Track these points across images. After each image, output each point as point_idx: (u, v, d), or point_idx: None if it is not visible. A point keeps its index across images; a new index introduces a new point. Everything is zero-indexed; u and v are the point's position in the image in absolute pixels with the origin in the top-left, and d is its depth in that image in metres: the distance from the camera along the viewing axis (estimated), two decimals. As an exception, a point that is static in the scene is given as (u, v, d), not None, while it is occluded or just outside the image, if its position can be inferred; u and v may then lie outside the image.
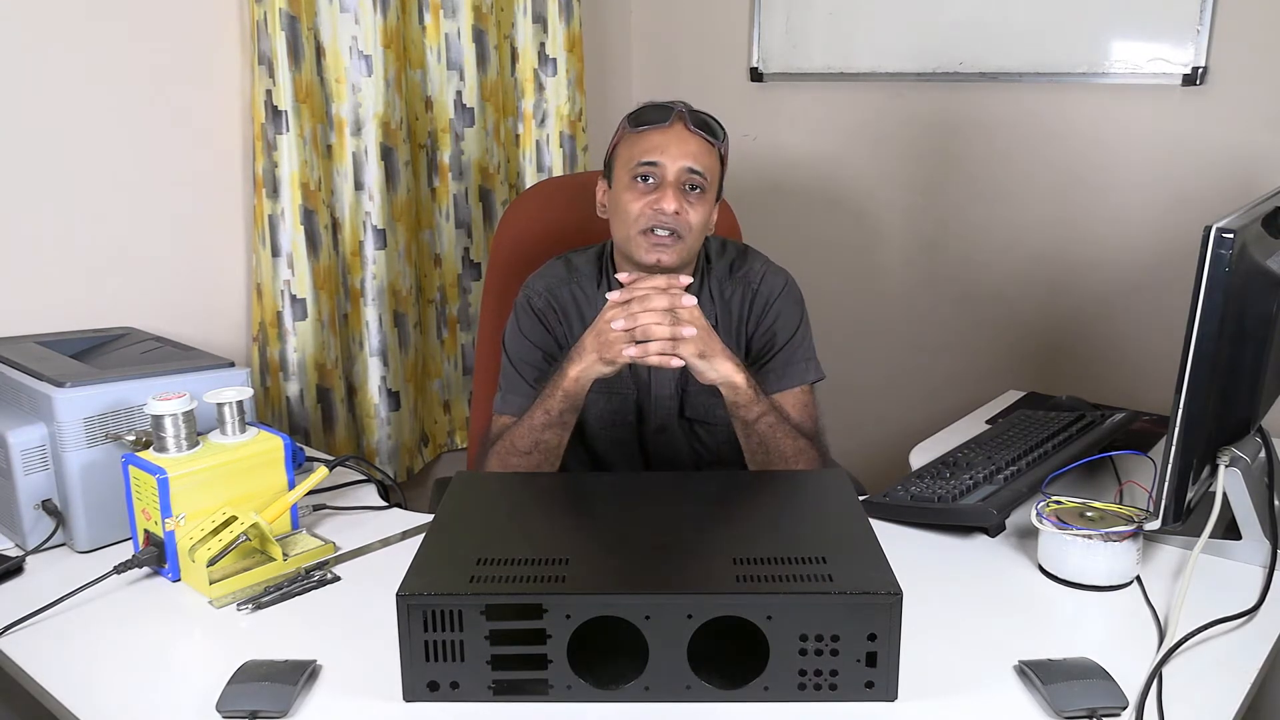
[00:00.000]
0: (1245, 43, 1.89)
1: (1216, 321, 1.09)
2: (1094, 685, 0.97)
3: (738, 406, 1.39)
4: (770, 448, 1.41)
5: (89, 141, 1.72)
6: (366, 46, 1.95)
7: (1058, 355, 2.23)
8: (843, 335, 2.42)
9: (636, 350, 1.32)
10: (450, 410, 2.34)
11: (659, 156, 1.42)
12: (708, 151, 1.45)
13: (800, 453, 1.43)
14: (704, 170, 1.43)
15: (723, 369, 1.36)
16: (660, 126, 1.43)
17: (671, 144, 1.42)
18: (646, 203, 1.42)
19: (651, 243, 1.42)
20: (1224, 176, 1.96)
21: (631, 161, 1.44)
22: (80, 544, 1.31)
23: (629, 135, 1.46)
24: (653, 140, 1.43)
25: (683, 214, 1.41)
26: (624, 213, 1.44)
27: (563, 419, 1.40)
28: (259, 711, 0.95)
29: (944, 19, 2.19)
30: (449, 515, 1.14)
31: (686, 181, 1.42)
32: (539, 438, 1.41)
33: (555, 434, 1.41)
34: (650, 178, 1.42)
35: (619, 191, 1.46)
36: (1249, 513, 1.23)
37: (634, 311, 1.32)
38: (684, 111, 1.45)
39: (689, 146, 1.43)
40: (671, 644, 0.95)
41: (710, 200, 1.46)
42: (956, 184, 2.29)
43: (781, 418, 1.43)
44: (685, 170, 1.42)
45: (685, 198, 1.42)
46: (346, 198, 2.01)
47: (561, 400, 1.38)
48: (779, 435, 1.41)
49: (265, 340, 1.96)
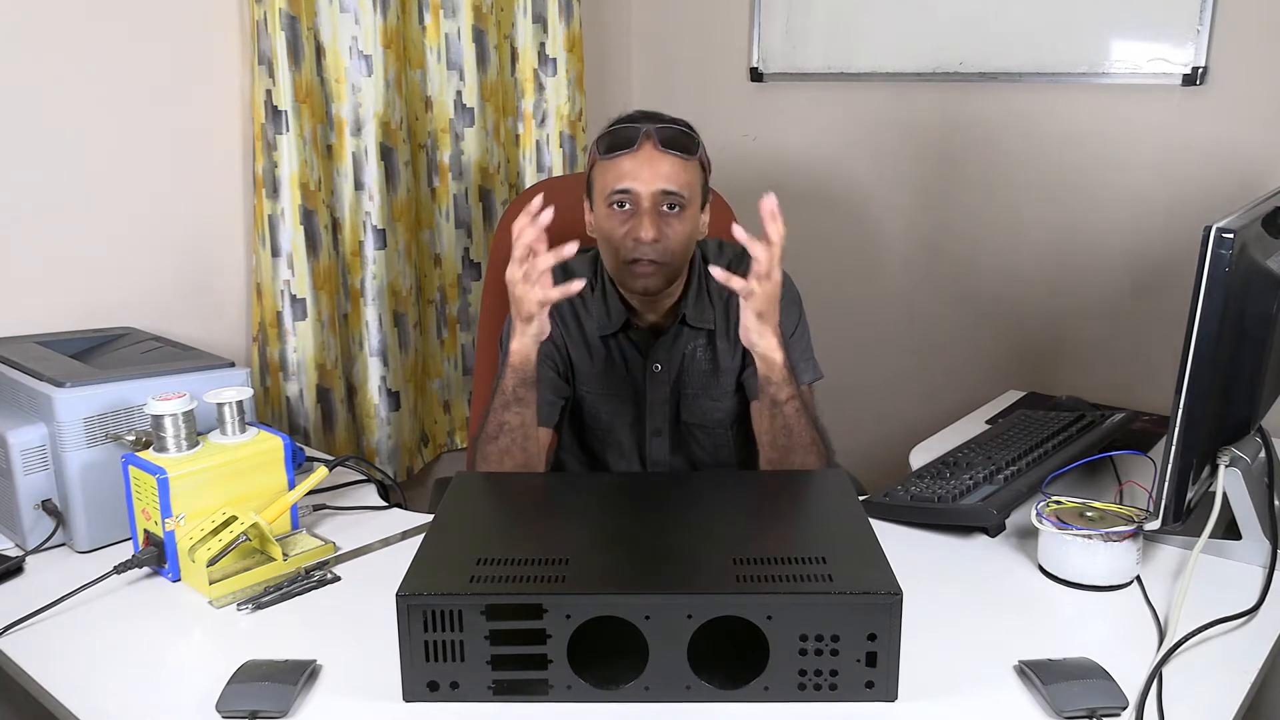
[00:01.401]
0: (1245, 43, 1.89)
1: (1216, 321, 1.09)
2: (1094, 685, 0.97)
3: (770, 383, 1.37)
4: (793, 431, 1.40)
5: (89, 142, 1.72)
6: (366, 46, 1.95)
7: (1058, 355, 2.23)
8: (843, 335, 2.42)
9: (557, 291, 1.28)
10: (450, 410, 2.34)
11: (631, 183, 1.40)
12: (682, 168, 1.42)
13: (815, 443, 1.42)
14: (680, 188, 1.41)
15: (768, 341, 1.34)
16: (628, 152, 1.40)
17: (642, 168, 1.40)
18: (625, 232, 1.41)
19: (635, 273, 1.42)
20: (1224, 176, 1.96)
21: (606, 189, 1.42)
22: (80, 544, 1.31)
23: (601, 162, 1.44)
24: (623, 167, 1.40)
25: (662, 239, 1.40)
26: (607, 240, 1.44)
27: (517, 394, 1.37)
28: (259, 711, 0.95)
29: (944, 19, 2.19)
30: (449, 515, 1.14)
31: (663, 203, 1.40)
32: (501, 419, 1.39)
33: (515, 414, 1.38)
34: (625, 204, 1.41)
35: (599, 219, 1.46)
36: (1249, 513, 1.23)
37: (515, 256, 1.29)
38: (650, 131, 1.41)
39: (660, 168, 1.40)
40: (671, 644, 0.95)
41: (693, 212, 1.45)
42: (956, 184, 2.29)
43: (805, 406, 1.42)
44: (659, 194, 1.40)
45: (663, 220, 1.40)
46: (346, 198, 2.01)
47: (511, 376, 1.37)
48: (803, 422, 1.40)
49: (265, 340, 1.96)
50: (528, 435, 1.40)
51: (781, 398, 1.38)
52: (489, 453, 1.40)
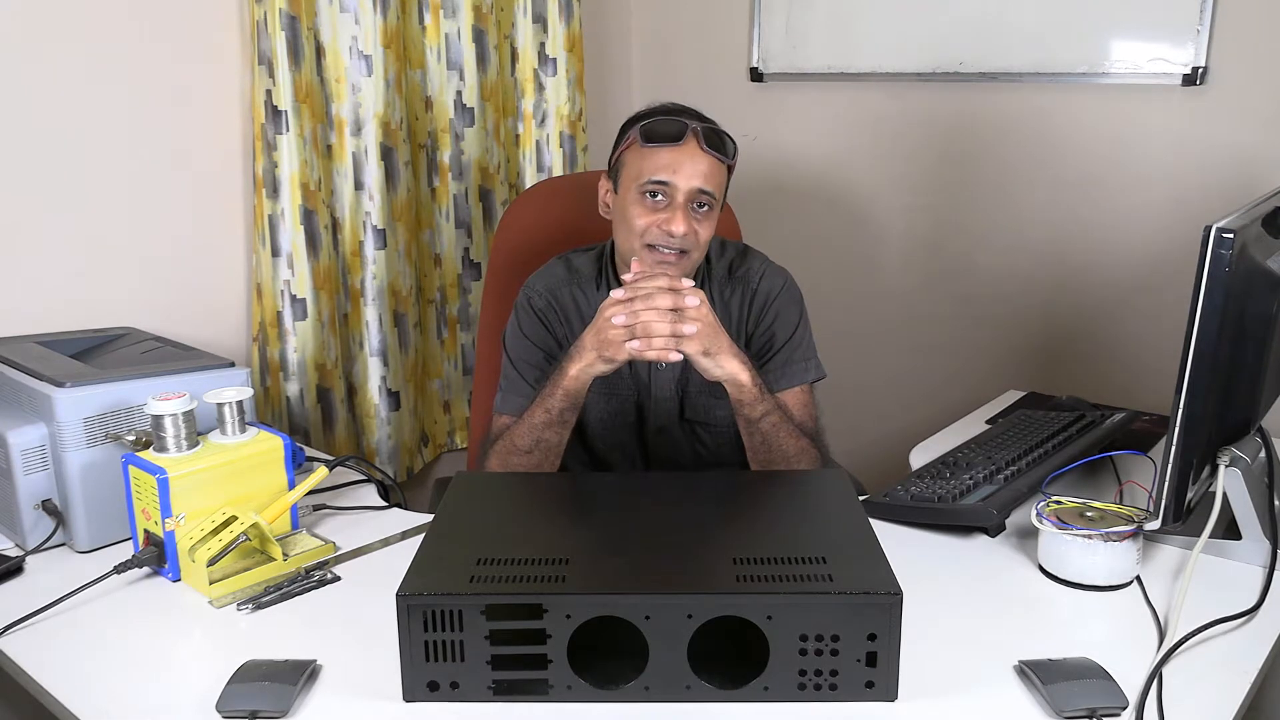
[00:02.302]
0: (1245, 43, 1.89)
1: (1216, 321, 1.09)
2: (1094, 685, 0.97)
3: (742, 404, 1.38)
4: (773, 446, 1.41)
5: (89, 142, 1.72)
6: (366, 46, 1.95)
7: (1058, 355, 2.23)
8: (843, 335, 2.42)
9: (639, 344, 1.29)
10: (450, 410, 2.34)
11: (670, 176, 1.39)
12: (718, 170, 1.42)
13: (802, 452, 1.43)
14: (714, 189, 1.41)
15: (728, 366, 1.35)
16: (673, 145, 1.39)
17: (684, 164, 1.39)
18: (654, 220, 1.40)
19: (656, 259, 1.41)
20: (1224, 176, 1.96)
21: (641, 176, 1.41)
22: (80, 544, 1.31)
23: (640, 148, 1.42)
24: (664, 159, 1.39)
25: (690, 234, 1.40)
26: (630, 224, 1.42)
27: (563, 417, 1.40)
28: (259, 711, 0.95)
29: (944, 19, 2.19)
30: (449, 515, 1.14)
31: (696, 201, 1.40)
32: (539, 436, 1.41)
33: (555, 433, 1.41)
34: (660, 195, 1.40)
35: (626, 203, 1.43)
36: (1249, 513, 1.23)
37: (636, 309, 1.30)
38: (698, 130, 1.40)
39: (700, 166, 1.39)
40: (671, 644, 0.95)
41: (717, 213, 1.45)
42: (957, 184, 2.29)
43: (785, 417, 1.42)
44: (696, 191, 1.40)
45: (693, 216, 1.41)
46: (346, 198, 2.01)
47: (562, 399, 1.38)
48: (782, 434, 1.41)
49: (265, 340, 1.96)
50: (559, 455, 1.43)
51: (755, 415, 1.39)
52: (516, 465, 1.42)
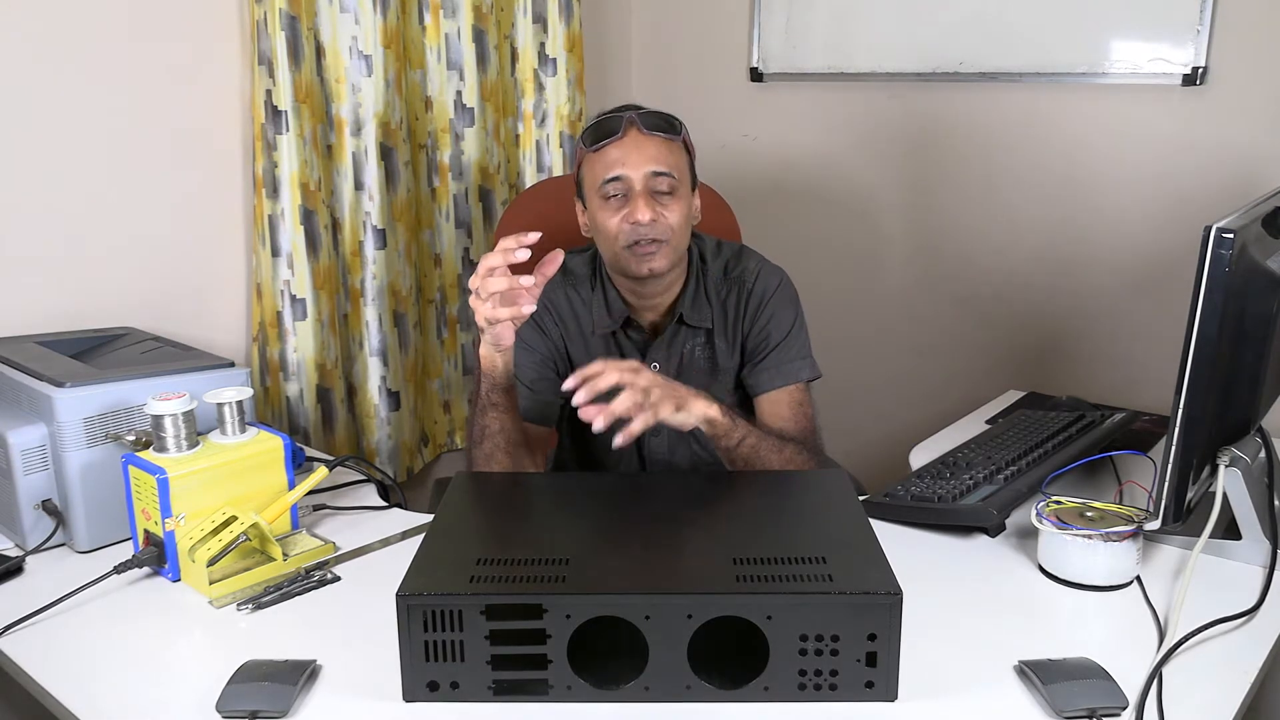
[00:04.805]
0: (1245, 43, 1.89)
1: (1216, 321, 1.09)
2: (1094, 685, 0.97)
3: (718, 438, 1.39)
4: (755, 467, 1.41)
5: (89, 142, 1.72)
6: (366, 46, 1.95)
7: (1058, 355, 2.23)
8: (843, 335, 2.42)
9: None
10: (450, 410, 2.34)
11: (620, 169, 1.42)
12: (669, 149, 1.44)
13: (788, 463, 1.43)
14: (669, 169, 1.43)
15: (698, 410, 1.34)
16: (615, 140, 1.43)
17: (630, 153, 1.42)
18: (622, 218, 1.42)
19: (638, 255, 1.42)
20: (1224, 176, 1.96)
21: (597, 181, 1.44)
22: (80, 544, 1.31)
23: (588, 156, 1.46)
24: (612, 155, 1.42)
25: (659, 219, 1.41)
26: (604, 232, 1.45)
27: (491, 399, 1.39)
28: (259, 711, 0.95)
29: (944, 19, 2.19)
30: (449, 515, 1.14)
31: (654, 186, 1.42)
32: (481, 424, 1.40)
33: (493, 418, 1.39)
34: (617, 192, 1.42)
35: (594, 213, 1.46)
36: (1249, 513, 1.23)
37: (476, 286, 1.27)
38: (633, 117, 1.44)
39: (648, 150, 1.42)
40: (671, 644, 0.95)
41: (685, 195, 1.46)
42: (956, 184, 2.29)
43: (762, 435, 1.43)
44: (650, 175, 1.42)
45: (657, 201, 1.42)
46: (346, 198, 2.01)
47: (484, 382, 1.38)
48: (762, 453, 1.41)
49: (265, 340, 1.96)
50: (510, 439, 1.41)
51: (733, 443, 1.39)
52: (476, 457, 1.42)
